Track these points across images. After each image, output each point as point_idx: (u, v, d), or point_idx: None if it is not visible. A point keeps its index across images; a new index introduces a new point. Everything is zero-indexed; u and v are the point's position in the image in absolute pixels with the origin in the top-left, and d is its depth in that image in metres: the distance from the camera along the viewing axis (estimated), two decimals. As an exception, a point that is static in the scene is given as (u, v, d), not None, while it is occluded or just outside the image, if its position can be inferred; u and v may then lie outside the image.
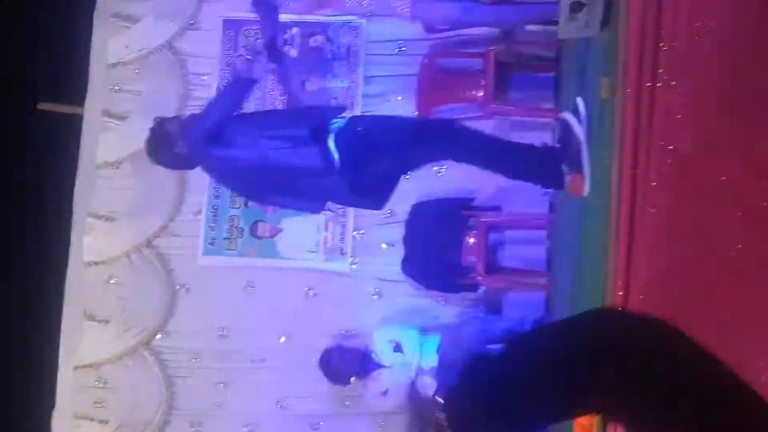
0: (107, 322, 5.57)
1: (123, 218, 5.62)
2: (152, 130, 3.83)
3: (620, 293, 2.56)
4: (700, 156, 2.58)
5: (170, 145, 3.74)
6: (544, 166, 3.63)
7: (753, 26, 2.53)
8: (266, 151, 3.58)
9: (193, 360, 5.55)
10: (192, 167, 3.90)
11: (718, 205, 2.54)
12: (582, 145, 3.31)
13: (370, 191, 3.79)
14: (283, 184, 3.75)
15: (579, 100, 3.34)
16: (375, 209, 4.15)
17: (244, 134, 3.65)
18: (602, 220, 2.85)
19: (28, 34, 5.47)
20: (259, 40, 5.43)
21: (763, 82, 2.53)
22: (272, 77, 5.40)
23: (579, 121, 3.38)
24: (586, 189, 3.38)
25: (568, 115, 3.36)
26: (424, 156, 3.82)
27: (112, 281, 5.61)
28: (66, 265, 5.59)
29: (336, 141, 3.61)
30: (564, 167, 3.48)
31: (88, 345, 5.53)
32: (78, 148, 5.68)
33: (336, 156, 3.59)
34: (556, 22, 3.40)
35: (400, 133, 3.74)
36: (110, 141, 5.66)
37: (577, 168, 3.39)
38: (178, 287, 5.59)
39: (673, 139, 2.56)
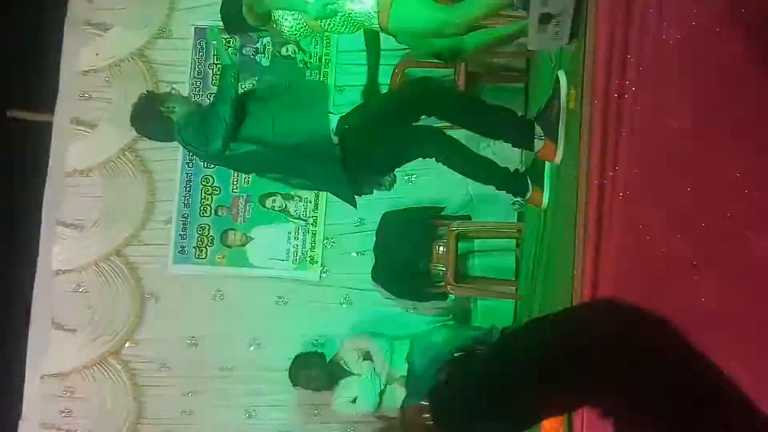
0: (75, 330, 5.54)
1: (92, 226, 5.60)
2: (142, 97, 3.87)
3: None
4: (667, 167, 2.62)
5: (157, 116, 3.78)
6: (518, 124, 3.62)
7: (719, 40, 2.58)
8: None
9: (162, 369, 5.53)
10: (172, 140, 3.89)
11: (684, 216, 2.58)
12: (562, 111, 3.28)
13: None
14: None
15: (561, 73, 3.33)
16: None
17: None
18: (569, 231, 2.88)
19: (-2, 41, 5.43)
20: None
21: (728, 95, 2.58)
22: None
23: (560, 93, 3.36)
24: (558, 157, 3.38)
25: (561, 75, 3.32)
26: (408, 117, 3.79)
27: (80, 290, 5.59)
28: (34, 273, 5.55)
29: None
30: (538, 129, 3.45)
31: (55, 354, 5.50)
32: (47, 156, 5.65)
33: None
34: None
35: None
36: (80, 149, 5.63)
37: (553, 134, 3.38)
38: (147, 296, 5.58)
39: (640, 150, 2.60)
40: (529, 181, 3.73)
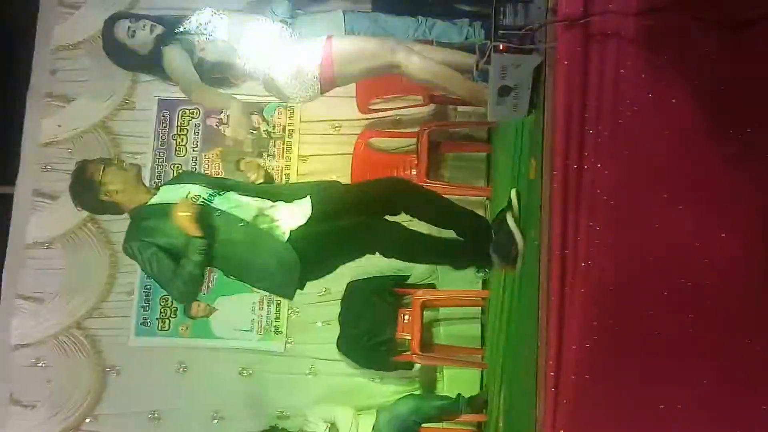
0: (34, 406, 5.41)
1: (52, 299, 5.51)
2: (75, 173, 3.68)
3: (551, 373, 2.59)
4: (628, 234, 2.65)
5: (93, 189, 3.58)
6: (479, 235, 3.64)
7: (672, 111, 2.64)
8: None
9: (124, 445, 5.41)
10: (121, 213, 3.71)
11: (646, 282, 2.61)
12: (519, 245, 3.37)
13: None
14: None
15: (513, 193, 3.39)
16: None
17: None
18: (533, 300, 2.89)
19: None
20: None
21: (684, 162, 2.63)
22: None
23: (513, 215, 3.41)
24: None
25: (510, 218, 3.37)
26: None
27: (39, 364, 5.47)
28: (-9, 348, 5.45)
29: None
30: (496, 258, 3.51)
31: (13, 431, 5.35)
32: (8, 228, 5.59)
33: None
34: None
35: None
36: (41, 220, 5.58)
37: (511, 265, 3.46)
38: (108, 369, 5.47)
39: (600, 219, 2.62)
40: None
